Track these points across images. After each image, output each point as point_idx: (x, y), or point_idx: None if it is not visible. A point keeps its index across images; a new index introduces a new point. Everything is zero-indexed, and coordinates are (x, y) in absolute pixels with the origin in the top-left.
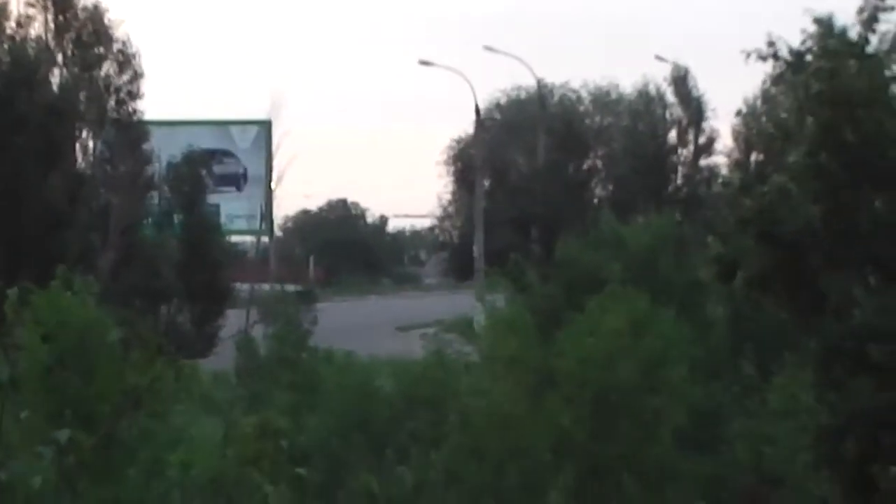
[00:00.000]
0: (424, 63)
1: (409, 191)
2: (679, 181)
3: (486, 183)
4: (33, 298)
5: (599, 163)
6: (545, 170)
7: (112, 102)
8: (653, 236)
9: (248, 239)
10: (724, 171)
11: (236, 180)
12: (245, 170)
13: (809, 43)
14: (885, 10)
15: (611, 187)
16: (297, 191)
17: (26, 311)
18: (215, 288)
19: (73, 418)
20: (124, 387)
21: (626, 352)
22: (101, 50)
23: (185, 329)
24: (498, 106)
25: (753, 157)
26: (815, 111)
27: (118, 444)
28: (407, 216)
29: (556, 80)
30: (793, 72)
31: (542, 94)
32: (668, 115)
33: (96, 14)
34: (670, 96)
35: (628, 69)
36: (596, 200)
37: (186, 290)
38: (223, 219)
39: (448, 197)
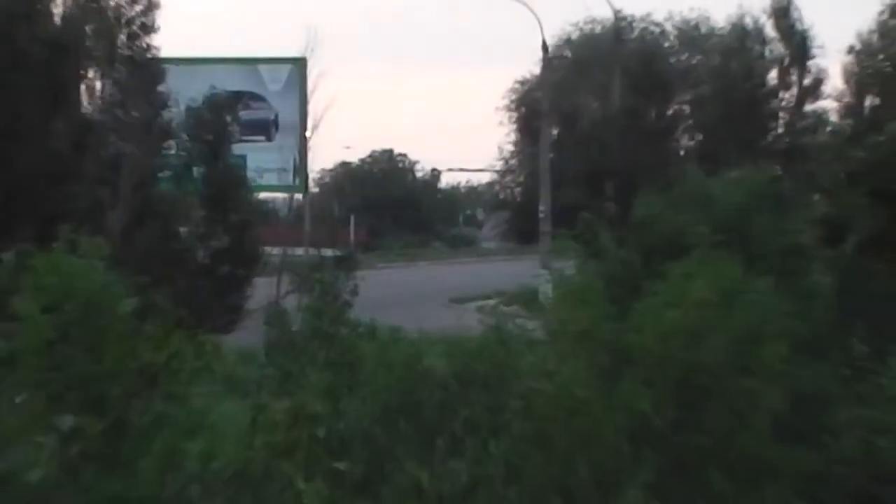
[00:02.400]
0: None
1: (464, 141)
2: (779, 129)
3: (554, 132)
4: (33, 262)
5: (685, 108)
6: (622, 116)
7: (123, 37)
8: (747, 193)
9: (280, 196)
10: (832, 117)
11: (266, 128)
12: (276, 116)
13: None
14: None
15: (698, 137)
16: (335, 141)
17: (25, 276)
18: (242, 252)
19: (78, 402)
20: (137, 365)
21: (714, 326)
22: None
23: (208, 299)
24: (569, 42)
25: (867, 101)
26: None
27: (129, 431)
28: (462, 170)
29: (636, 12)
30: None
31: (619, 28)
32: (766, 53)
33: None
34: (769, 30)
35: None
36: (681, 152)
37: (209, 254)
38: (251, 172)
39: (510, 148)
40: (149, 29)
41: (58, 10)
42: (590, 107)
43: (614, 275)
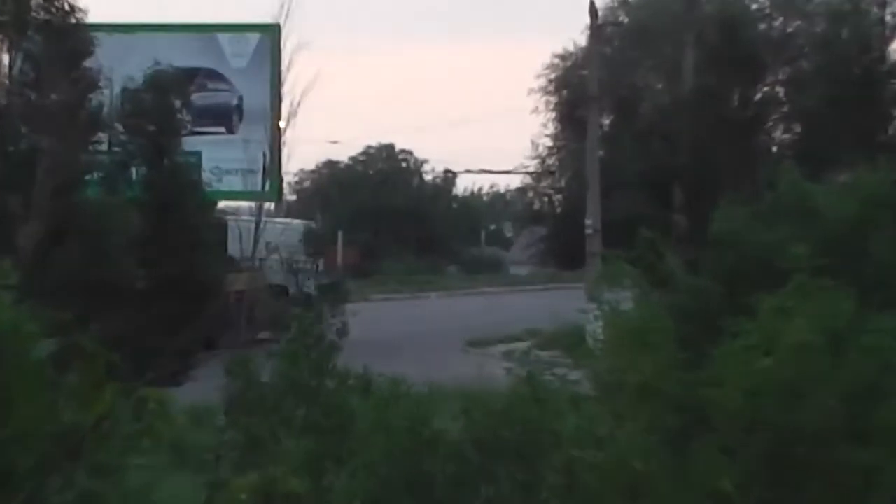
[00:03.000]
0: None
1: (487, 135)
2: None
3: (606, 122)
4: None
5: (779, 91)
6: (695, 101)
7: None
8: (862, 203)
9: (245, 204)
10: None
11: (227, 116)
12: (240, 100)
13: None
14: None
15: (796, 128)
16: (318, 134)
17: None
18: (195, 279)
19: None
20: (56, 428)
21: (819, 379)
22: None
23: (150, 341)
24: (624, 4)
25: None
26: None
27: None
28: (485, 172)
29: None
30: None
31: None
32: (888, 18)
33: None
34: None
35: None
36: (773, 148)
37: (152, 281)
38: (207, 174)
39: (547, 143)
40: None
41: None
42: (653, 89)
43: (686, 310)
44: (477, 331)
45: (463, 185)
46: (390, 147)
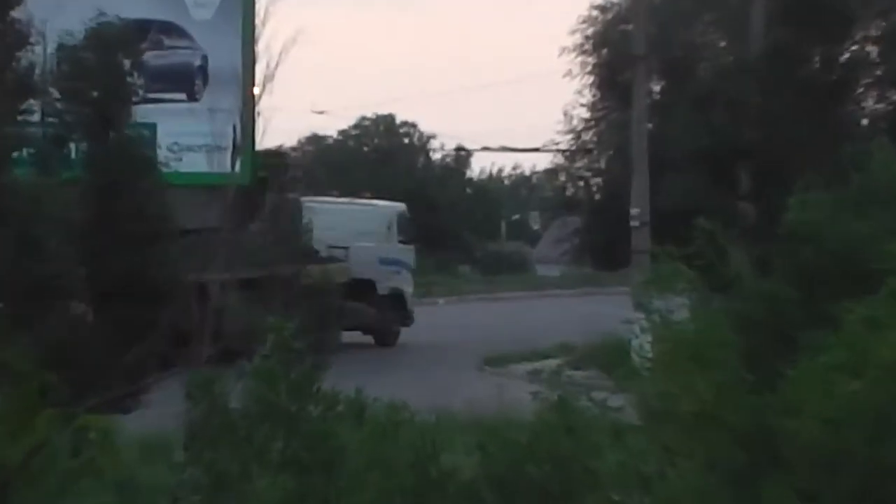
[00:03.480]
0: None
1: (509, 105)
2: None
3: (656, 88)
4: None
5: (872, 50)
6: (766, 62)
7: None
8: None
9: (212, 189)
10: None
11: (188, 80)
12: (204, 60)
13: None
14: None
15: (893, 96)
16: (301, 102)
17: None
18: (148, 279)
19: None
20: None
21: None
22: None
23: (94, 356)
24: None
25: None
26: None
27: None
28: (506, 149)
29: None
30: None
31: None
32: None
33: None
34: None
35: None
36: (864, 120)
37: (95, 280)
38: (164, 151)
39: (583, 115)
40: None
41: None
42: (714, 47)
43: (754, 320)
44: (496, 345)
45: (479, 166)
46: (389, 118)
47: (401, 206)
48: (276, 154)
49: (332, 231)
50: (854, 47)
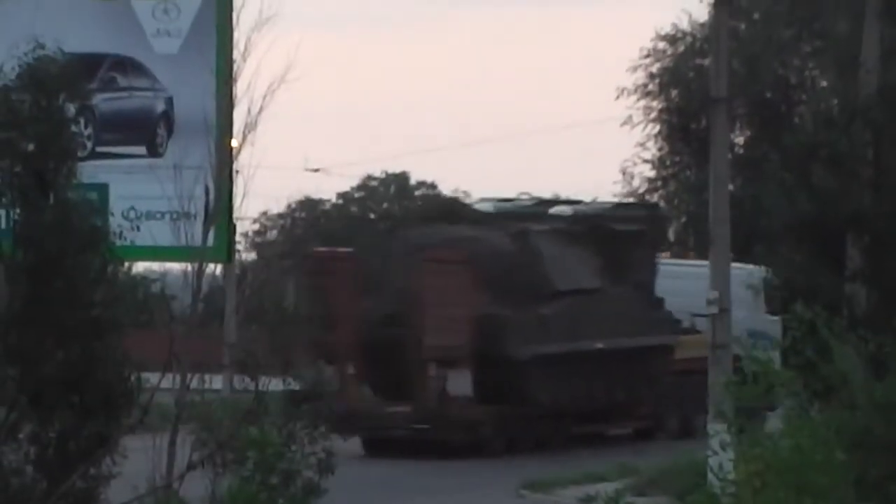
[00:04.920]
0: None
1: (552, 159)
2: None
3: (739, 139)
4: None
5: None
6: (882, 106)
7: None
8: None
9: (176, 267)
10: None
11: (148, 129)
12: (169, 105)
13: None
14: None
15: None
16: (290, 158)
17: None
18: (94, 383)
19: None
20: None
21: None
22: None
23: (25, 479)
24: None
25: None
26: None
27: None
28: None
29: None
30: None
31: None
32: None
33: None
34: None
35: None
36: None
37: (26, 383)
38: (117, 218)
39: (646, 173)
40: None
41: None
42: (814, 87)
43: (867, 435)
44: (535, 462)
45: None
46: (402, 178)
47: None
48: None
49: (690, 297)
50: None
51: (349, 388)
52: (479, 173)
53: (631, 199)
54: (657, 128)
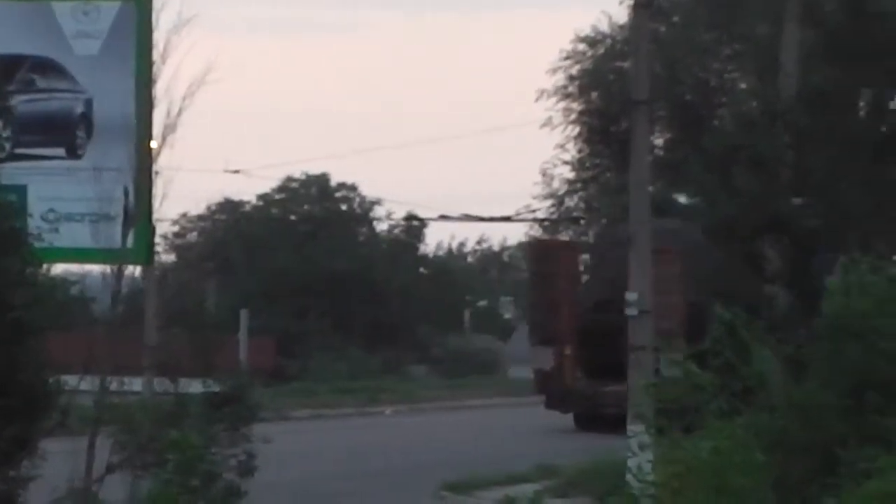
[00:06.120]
0: None
1: (472, 162)
2: None
3: (658, 141)
4: None
5: None
6: (801, 110)
7: None
8: None
9: (96, 269)
10: None
11: (67, 131)
12: (88, 106)
13: None
14: None
15: None
16: (211, 160)
17: None
18: (13, 384)
19: None
20: None
21: None
22: None
23: None
24: None
25: None
26: None
27: None
28: (470, 218)
29: None
30: None
31: None
32: None
33: None
34: None
35: None
36: None
37: None
38: (36, 222)
39: (566, 175)
40: None
41: None
42: (734, 90)
43: (787, 436)
44: (459, 467)
45: (436, 239)
46: (323, 180)
47: None
48: None
49: None
50: None
51: (566, 369)
52: (399, 176)
53: (552, 201)
54: (577, 130)
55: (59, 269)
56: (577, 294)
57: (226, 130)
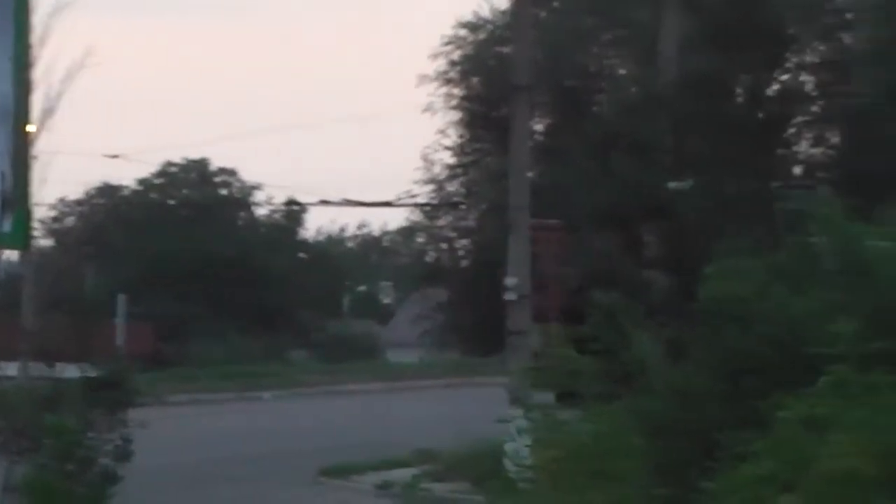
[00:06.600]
0: None
1: (353, 147)
2: None
3: (539, 126)
4: None
5: (809, 80)
6: (680, 96)
7: None
8: None
9: None
10: None
11: None
12: None
13: None
14: None
15: (835, 138)
16: (89, 144)
17: None
18: None
19: None
20: None
21: None
22: None
23: None
24: None
25: None
26: None
27: None
28: (350, 203)
29: None
30: None
31: None
32: None
33: None
34: None
35: None
36: (798, 168)
37: None
38: None
39: (447, 160)
40: None
41: None
42: (615, 76)
43: (665, 420)
44: (337, 451)
45: (316, 224)
46: (202, 165)
47: None
48: None
49: None
50: (786, 77)
51: (552, 346)
52: (281, 161)
53: (433, 186)
54: (458, 116)
55: None
56: (562, 274)
57: (106, 115)
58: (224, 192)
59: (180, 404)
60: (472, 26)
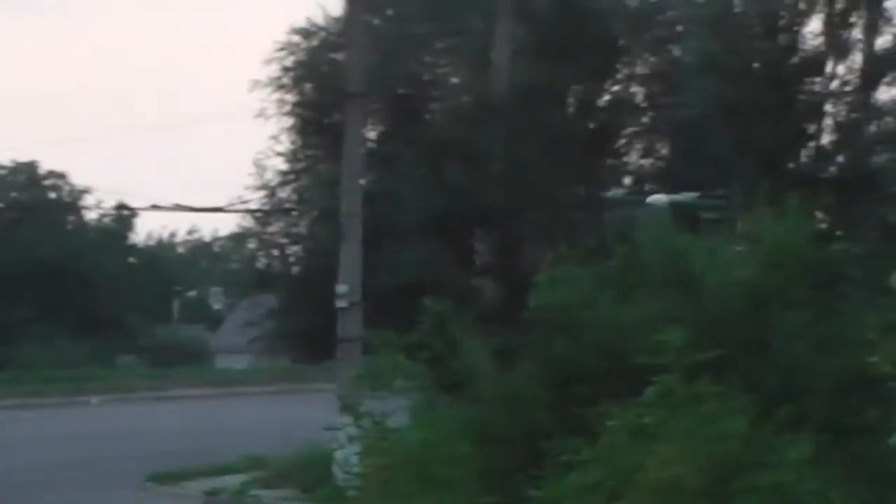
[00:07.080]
0: None
1: (184, 151)
2: (824, 138)
3: (372, 134)
4: None
5: (638, 91)
6: (511, 104)
7: None
8: (764, 267)
9: None
10: None
11: None
12: None
13: None
14: None
15: (664, 149)
16: None
17: None
18: None
19: None
20: None
21: None
22: None
23: None
24: None
25: None
26: None
27: None
28: (180, 208)
29: None
30: None
31: None
32: None
33: None
34: None
35: None
36: (627, 178)
37: None
38: None
39: (279, 166)
40: None
41: None
42: (446, 84)
43: (494, 427)
44: (165, 457)
45: (146, 229)
46: (31, 167)
47: None
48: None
49: None
50: (616, 88)
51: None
52: (111, 165)
53: (264, 192)
54: (291, 122)
55: None
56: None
57: None
58: (53, 195)
59: (4, 409)
60: (306, 32)
